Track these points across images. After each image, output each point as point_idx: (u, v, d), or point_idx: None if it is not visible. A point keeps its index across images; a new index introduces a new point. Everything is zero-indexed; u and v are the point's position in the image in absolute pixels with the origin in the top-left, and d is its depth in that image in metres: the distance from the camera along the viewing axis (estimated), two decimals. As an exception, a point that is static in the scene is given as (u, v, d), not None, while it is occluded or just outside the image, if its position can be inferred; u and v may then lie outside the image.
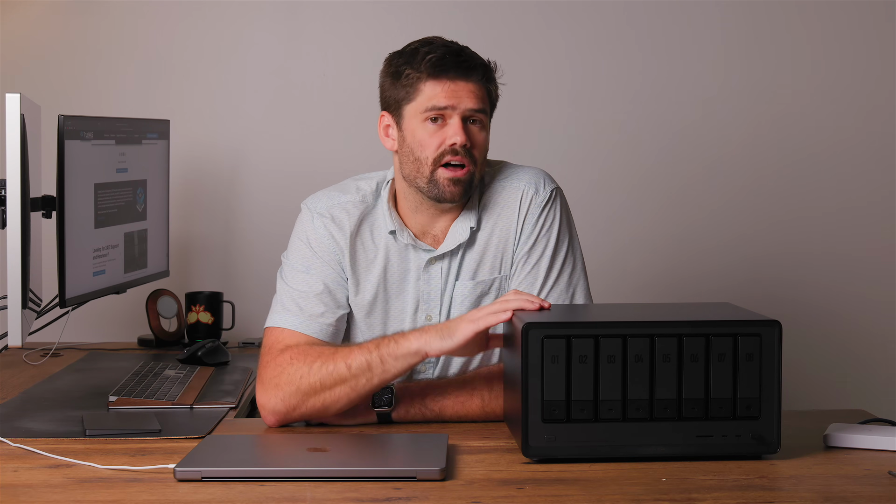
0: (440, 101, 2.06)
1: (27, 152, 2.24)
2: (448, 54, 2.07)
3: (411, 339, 1.96)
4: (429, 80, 2.06)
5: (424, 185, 2.09)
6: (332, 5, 3.31)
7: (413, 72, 2.07)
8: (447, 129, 2.07)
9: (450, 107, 2.06)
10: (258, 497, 1.65)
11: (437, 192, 2.09)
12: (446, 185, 2.08)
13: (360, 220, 2.16)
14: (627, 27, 3.35)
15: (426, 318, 2.16)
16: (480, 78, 2.08)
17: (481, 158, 2.11)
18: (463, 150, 2.06)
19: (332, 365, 1.99)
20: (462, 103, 2.06)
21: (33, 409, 2.22)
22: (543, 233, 2.16)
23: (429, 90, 2.07)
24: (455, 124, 2.06)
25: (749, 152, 3.38)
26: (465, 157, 2.07)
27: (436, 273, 2.16)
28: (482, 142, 2.10)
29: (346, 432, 2.00)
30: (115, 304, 3.16)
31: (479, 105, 2.08)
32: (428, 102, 2.06)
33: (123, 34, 3.30)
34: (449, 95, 2.06)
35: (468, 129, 2.08)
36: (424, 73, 2.06)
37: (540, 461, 1.81)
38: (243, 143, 3.33)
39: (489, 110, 2.12)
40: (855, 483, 1.72)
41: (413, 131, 2.09)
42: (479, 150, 2.10)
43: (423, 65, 2.06)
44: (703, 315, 1.87)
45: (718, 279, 3.40)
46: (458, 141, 2.06)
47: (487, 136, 2.12)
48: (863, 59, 3.37)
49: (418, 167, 2.09)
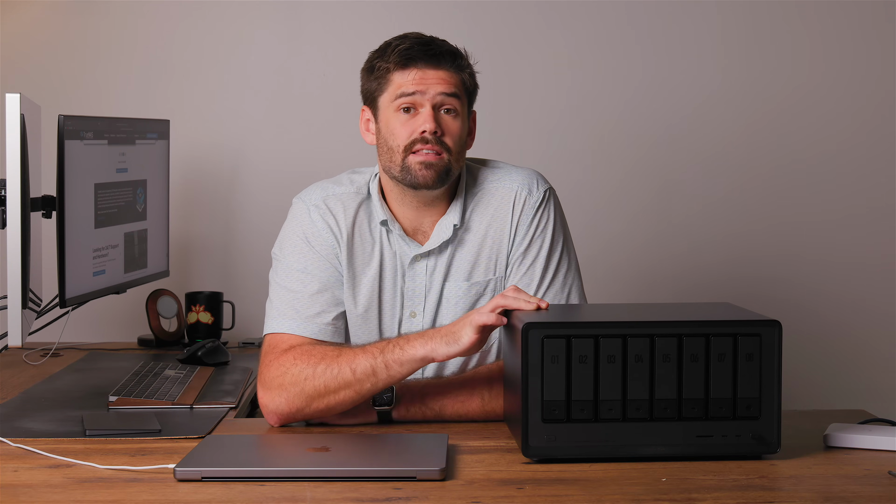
0: (409, 87, 2.08)
1: (27, 152, 2.24)
2: (416, 44, 2.10)
3: (417, 345, 1.96)
4: (397, 69, 2.09)
5: (398, 173, 2.10)
6: (332, 5, 3.31)
7: (383, 63, 2.11)
8: (418, 118, 2.09)
9: (418, 92, 2.08)
10: (258, 497, 1.65)
11: (411, 178, 2.09)
12: (418, 169, 2.08)
13: (356, 211, 2.17)
14: (627, 27, 3.35)
15: (410, 315, 2.16)
16: (450, 65, 2.10)
17: (456, 146, 2.10)
18: (434, 137, 2.07)
19: (336, 368, 1.99)
20: (431, 89, 2.08)
21: (33, 409, 2.22)
22: (538, 234, 2.16)
23: (398, 79, 2.09)
24: (425, 113, 2.08)
25: (749, 152, 3.38)
26: (436, 144, 2.08)
27: (420, 270, 2.16)
28: (456, 129, 2.10)
29: (346, 432, 2.00)
30: (115, 304, 3.16)
31: (450, 90, 2.09)
32: (397, 90, 2.09)
33: (123, 34, 3.30)
34: (417, 82, 2.08)
35: (440, 118, 2.09)
36: (393, 64, 2.09)
37: (540, 461, 1.81)
38: (243, 143, 3.33)
39: (463, 97, 2.12)
40: (855, 483, 1.72)
41: (387, 121, 2.11)
42: (451, 137, 2.10)
43: (391, 56, 2.10)
44: (703, 315, 1.87)
45: (718, 279, 3.40)
46: (427, 128, 2.07)
47: (463, 124, 2.12)
48: (862, 59, 3.37)
49: (391, 156, 2.11)
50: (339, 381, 1.98)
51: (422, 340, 1.96)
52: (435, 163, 2.08)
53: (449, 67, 2.10)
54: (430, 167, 2.08)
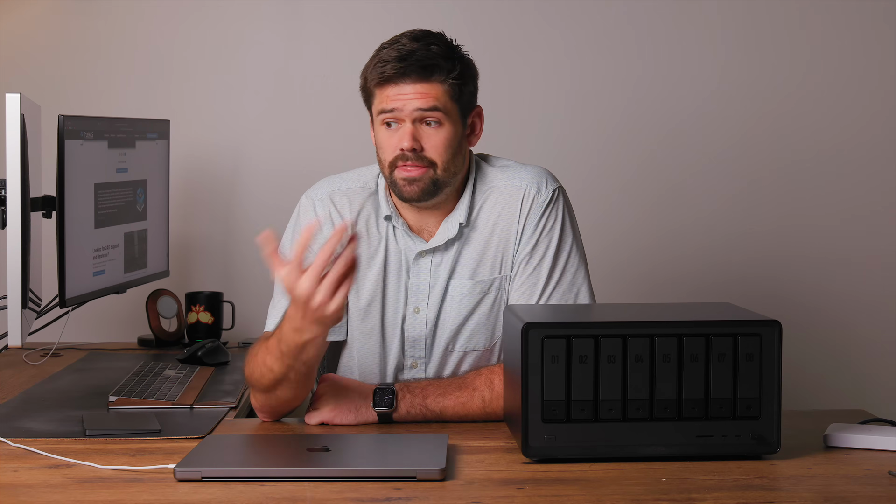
0: (387, 104, 2.09)
1: (27, 152, 2.24)
2: (394, 59, 2.08)
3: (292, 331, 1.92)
4: (377, 86, 2.10)
5: (389, 185, 2.14)
6: (332, 5, 3.31)
7: (367, 79, 2.12)
8: (398, 133, 2.09)
9: (396, 109, 2.08)
10: (258, 497, 1.65)
11: (398, 191, 2.12)
12: (403, 185, 2.10)
13: (361, 206, 2.18)
14: (627, 27, 3.35)
15: (414, 311, 2.16)
16: (429, 77, 2.08)
17: (444, 157, 2.10)
18: (413, 154, 2.08)
19: (259, 371, 2.01)
20: (408, 105, 2.08)
21: (33, 409, 2.22)
22: (545, 234, 2.16)
23: (379, 95, 2.11)
24: (404, 129, 2.08)
25: (750, 152, 3.38)
26: (416, 160, 2.08)
27: (424, 266, 2.16)
28: (440, 141, 2.09)
29: (346, 432, 2.00)
30: (115, 304, 3.16)
31: (429, 104, 2.08)
32: (379, 106, 2.10)
33: (123, 34, 3.30)
34: (393, 99, 2.08)
35: (420, 132, 2.08)
36: (373, 82, 2.11)
37: (540, 461, 1.81)
38: (243, 143, 3.33)
39: (449, 103, 2.10)
40: (855, 483, 1.72)
41: (377, 134, 2.14)
42: (435, 150, 2.09)
43: (371, 72, 2.11)
44: (703, 315, 1.87)
45: (718, 279, 3.40)
46: (405, 146, 2.08)
47: (452, 133, 2.10)
48: (862, 59, 3.37)
49: (383, 168, 2.14)
50: (268, 381, 2.00)
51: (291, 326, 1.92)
52: (418, 178, 2.09)
53: (428, 80, 2.08)
54: (413, 182, 2.09)
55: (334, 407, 2.05)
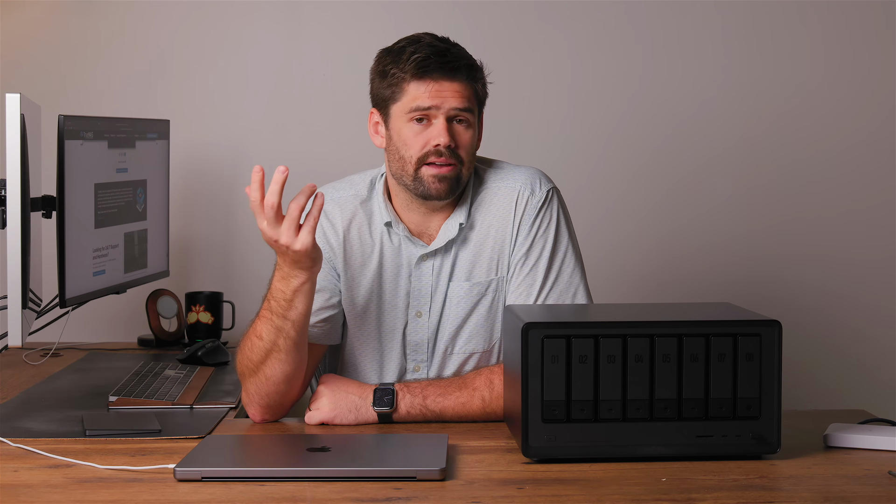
0: (424, 101, 2.06)
1: (27, 152, 2.24)
2: (433, 54, 2.07)
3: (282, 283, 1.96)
4: (413, 80, 2.07)
5: (410, 182, 2.10)
6: (332, 5, 3.31)
7: (398, 72, 2.08)
8: (431, 130, 2.07)
9: (434, 107, 2.07)
10: (258, 497, 1.65)
11: (423, 189, 2.09)
12: (431, 182, 2.09)
13: (353, 214, 2.17)
14: (627, 27, 3.35)
15: (416, 315, 2.16)
16: (465, 77, 2.08)
17: (468, 157, 2.11)
18: (447, 150, 2.07)
19: (249, 343, 2.04)
20: (446, 103, 2.07)
21: (33, 409, 2.22)
22: (540, 234, 2.16)
23: (413, 90, 2.07)
24: (439, 125, 2.07)
25: (750, 152, 3.38)
26: (450, 157, 2.08)
27: (427, 270, 2.16)
28: (468, 141, 2.10)
29: (346, 432, 2.00)
30: (115, 304, 3.16)
31: (464, 104, 2.08)
32: (412, 103, 2.07)
33: (123, 34, 3.30)
34: (433, 96, 2.06)
35: (453, 129, 2.08)
36: (409, 74, 2.07)
37: (540, 461, 1.81)
38: (243, 143, 3.33)
39: (476, 108, 2.12)
40: (855, 483, 1.72)
41: (399, 130, 2.10)
42: (464, 149, 2.10)
43: (407, 65, 2.07)
44: (703, 315, 1.87)
45: (718, 279, 3.40)
46: (442, 142, 2.07)
47: (475, 133, 2.12)
48: (862, 59, 3.37)
49: (403, 165, 2.10)
50: (258, 351, 2.02)
51: (279, 275, 1.96)
52: (448, 175, 2.08)
53: (464, 80, 2.08)
54: (443, 180, 2.08)
55: (334, 407, 2.04)
